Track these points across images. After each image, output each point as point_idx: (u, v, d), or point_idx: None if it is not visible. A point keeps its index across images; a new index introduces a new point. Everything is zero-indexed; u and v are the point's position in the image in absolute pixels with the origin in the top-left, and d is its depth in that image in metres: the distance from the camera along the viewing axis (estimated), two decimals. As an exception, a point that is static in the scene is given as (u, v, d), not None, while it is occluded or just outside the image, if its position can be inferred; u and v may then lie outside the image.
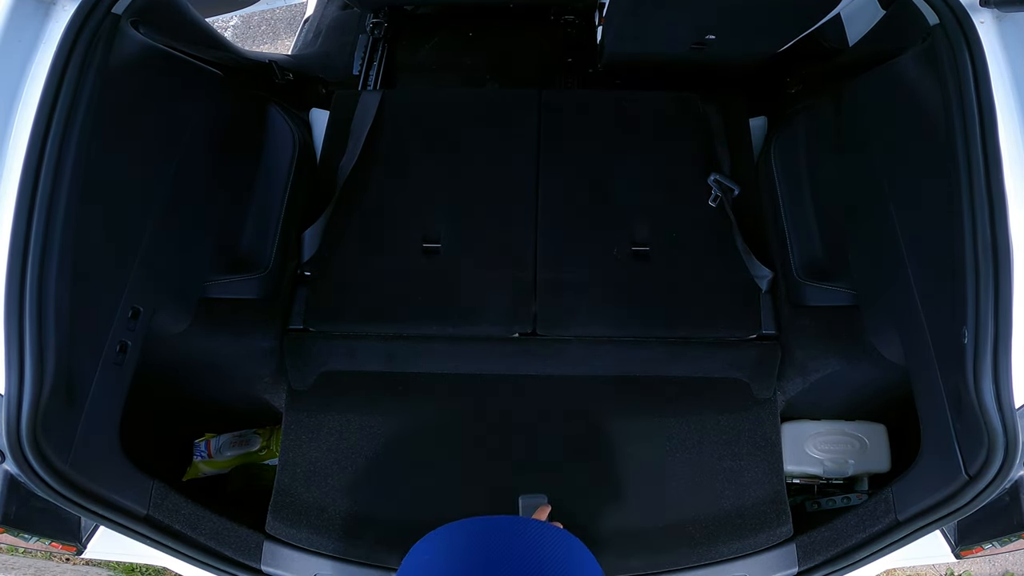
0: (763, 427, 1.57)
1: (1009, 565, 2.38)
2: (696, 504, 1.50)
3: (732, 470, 1.53)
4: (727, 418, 1.58)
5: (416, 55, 2.38)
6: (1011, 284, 1.09)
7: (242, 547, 1.44)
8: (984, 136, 1.13)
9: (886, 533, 1.37)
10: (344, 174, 1.81)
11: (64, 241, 1.13)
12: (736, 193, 1.77)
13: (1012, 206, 1.10)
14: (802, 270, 1.68)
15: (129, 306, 1.35)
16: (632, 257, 1.73)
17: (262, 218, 1.75)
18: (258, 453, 1.72)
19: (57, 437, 1.17)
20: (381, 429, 1.57)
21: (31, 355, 1.09)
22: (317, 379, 1.62)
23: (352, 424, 1.58)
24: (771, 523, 1.48)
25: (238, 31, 3.64)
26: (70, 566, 2.47)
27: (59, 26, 1.16)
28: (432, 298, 1.68)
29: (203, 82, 1.64)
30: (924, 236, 1.34)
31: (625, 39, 1.93)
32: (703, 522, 1.49)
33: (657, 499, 1.51)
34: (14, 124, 1.11)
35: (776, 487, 1.52)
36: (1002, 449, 1.12)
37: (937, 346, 1.28)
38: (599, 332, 1.66)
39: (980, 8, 1.19)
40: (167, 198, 1.45)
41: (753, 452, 1.55)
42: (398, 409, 1.60)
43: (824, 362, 1.61)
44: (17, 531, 1.26)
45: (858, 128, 1.62)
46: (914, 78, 1.37)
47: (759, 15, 1.77)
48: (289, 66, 2.10)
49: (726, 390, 1.61)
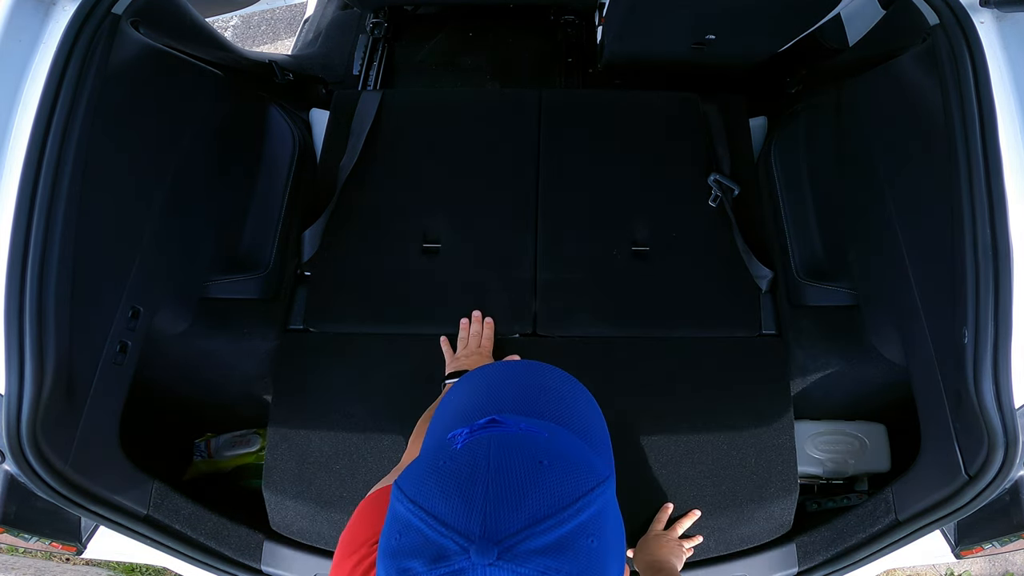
0: (771, 430, 1.56)
1: (1009, 565, 2.39)
2: (703, 508, 1.49)
3: (742, 475, 1.52)
4: (732, 418, 1.57)
5: (416, 55, 2.38)
6: (1011, 284, 1.09)
7: (242, 547, 1.44)
8: (984, 136, 1.13)
9: (886, 533, 1.37)
10: (344, 174, 1.81)
11: (64, 241, 1.13)
12: (736, 193, 1.77)
13: (1012, 206, 1.11)
14: (802, 270, 1.68)
15: (129, 306, 1.35)
16: (632, 257, 1.73)
17: (262, 218, 1.75)
18: (258, 453, 1.72)
19: (57, 437, 1.17)
20: (380, 428, 1.57)
21: (31, 355, 1.09)
22: (316, 378, 1.62)
23: (351, 424, 1.57)
24: (777, 525, 1.48)
25: (238, 31, 3.64)
26: (70, 566, 2.47)
27: (59, 26, 1.16)
28: (432, 298, 1.68)
29: (203, 82, 1.64)
30: (924, 236, 1.34)
31: (625, 39, 1.93)
32: (709, 527, 1.48)
33: (658, 502, 1.50)
34: (14, 124, 1.11)
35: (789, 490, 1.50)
36: (1002, 449, 1.13)
37: (937, 346, 1.28)
38: (599, 332, 1.66)
39: (980, 8, 1.19)
40: (167, 198, 1.45)
41: (762, 454, 1.54)
42: (397, 408, 1.60)
43: (824, 362, 1.61)
44: (17, 531, 1.26)
45: (858, 128, 1.62)
46: (914, 78, 1.37)
47: (759, 15, 1.77)
48: (289, 66, 2.10)
49: (728, 389, 1.60)
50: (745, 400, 1.57)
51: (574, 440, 0.61)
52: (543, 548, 0.50)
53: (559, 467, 0.55)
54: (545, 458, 0.55)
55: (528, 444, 0.56)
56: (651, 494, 1.50)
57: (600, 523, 0.54)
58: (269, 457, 1.53)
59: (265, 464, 1.53)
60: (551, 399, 0.68)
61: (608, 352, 1.63)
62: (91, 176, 1.18)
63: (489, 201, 1.80)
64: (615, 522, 0.58)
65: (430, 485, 0.54)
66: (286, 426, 1.55)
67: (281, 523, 1.50)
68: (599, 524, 0.54)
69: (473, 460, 0.54)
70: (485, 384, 0.70)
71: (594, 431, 0.69)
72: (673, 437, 1.54)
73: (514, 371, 0.71)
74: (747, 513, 1.48)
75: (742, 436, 1.53)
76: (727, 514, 1.48)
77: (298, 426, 1.55)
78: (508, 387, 0.69)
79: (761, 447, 1.52)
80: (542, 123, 1.90)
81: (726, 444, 1.53)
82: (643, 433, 1.54)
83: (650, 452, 1.53)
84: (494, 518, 0.51)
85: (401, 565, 0.52)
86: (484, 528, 0.50)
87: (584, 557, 0.52)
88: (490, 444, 0.55)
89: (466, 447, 0.55)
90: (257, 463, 1.69)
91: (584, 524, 0.52)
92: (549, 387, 0.70)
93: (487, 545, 0.49)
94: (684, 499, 1.50)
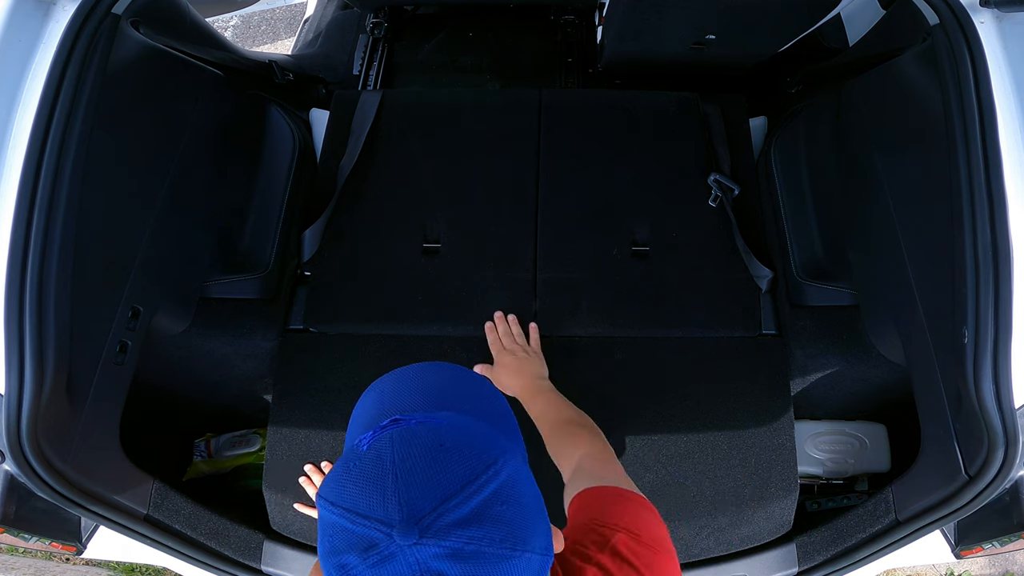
0: (771, 430, 1.56)
1: (1009, 565, 2.39)
2: (703, 508, 1.49)
3: (742, 475, 1.52)
4: (733, 418, 1.57)
5: (416, 55, 2.38)
6: (1011, 284, 1.09)
7: (242, 547, 1.44)
8: (984, 136, 1.13)
9: (886, 533, 1.37)
10: (344, 174, 1.81)
11: (64, 241, 1.13)
12: (736, 193, 1.77)
13: (1012, 206, 1.10)
14: (802, 270, 1.68)
15: (129, 306, 1.35)
16: (632, 257, 1.73)
17: (262, 218, 1.75)
18: (258, 453, 1.72)
19: (57, 437, 1.17)
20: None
21: (31, 355, 1.09)
22: (316, 378, 1.62)
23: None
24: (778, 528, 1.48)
25: (238, 31, 3.64)
26: (70, 566, 2.47)
27: (59, 26, 1.16)
28: (432, 298, 1.68)
29: (203, 82, 1.64)
30: (924, 236, 1.34)
31: (625, 39, 1.92)
32: (709, 527, 1.48)
33: (658, 503, 1.50)
34: (14, 124, 1.11)
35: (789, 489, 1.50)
36: (1002, 449, 1.13)
37: (937, 346, 1.28)
38: (599, 332, 1.66)
39: (980, 8, 1.19)
40: (167, 198, 1.45)
41: (762, 454, 1.54)
42: None
43: (824, 362, 1.61)
44: (17, 531, 1.26)
45: (858, 128, 1.62)
46: (914, 78, 1.37)
47: (759, 15, 1.77)
48: (289, 66, 2.10)
49: (728, 389, 1.60)
50: (745, 400, 1.57)
51: (473, 422, 0.66)
52: (461, 520, 0.55)
53: (461, 446, 0.60)
54: (445, 441, 0.60)
55: (426, 432, 0.61)
56: (651, 494, 1.50)
57: (512, 490, 0.59)
58: (269, 457, 1.53)
59: (265, 464, 1.53)
60: (450, 392, 0.74)
61: (608, 352, 1.63)
62: (91, 176, 1.18)
63: (489, 201, 1.80)
64: (529, 488, 0.62)
65: (347, 487, 0.58)
66: (286, 426, 1.55)
67: (281, 523, 1.50)
68: (511, 491, 0.59)
69: (379, 456, 0.59)
70: (391, 389, 0.75)
71: (493, 412, 0.74)
72: (673, 437, 1.54)
73: (410, 374, 0.77)
74: (747, 513, 1.48)
75: (742, 436, 1.53)
76: (727, 514, 1.48)
77: (298, 426, 1.54)
78: (407, 390, 0.75)
79: (761, 447, 1.52)
80: (542, 123, 1.90)
81: (726, 444, 1.53)
82: (643, 433, 1.54)
83: (650, 452, 1.53)
84: (409, 502, 0.55)
85: (338, 562, 0.56)
86: (402, 513, 0.55)
87: (503, 523, 0.56)
88: (391, 439, 0.60)
89: (370, 447, 0.60)
90: (257, 463, 1.69)
91: (496, 493, 0.57)
92: (446, 381, 0.76)
93: (408, 527, 0.54)
94: (684, 499, 1.49)
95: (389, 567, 0.54)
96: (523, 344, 1.56)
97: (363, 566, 0.55)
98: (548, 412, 1.30)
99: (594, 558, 0.80)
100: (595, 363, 1.63)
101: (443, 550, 0.54)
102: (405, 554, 0.54)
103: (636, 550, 0.83)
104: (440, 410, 0.68)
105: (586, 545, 0.82)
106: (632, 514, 0.89)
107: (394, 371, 0.78)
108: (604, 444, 1.18)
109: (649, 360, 1.63)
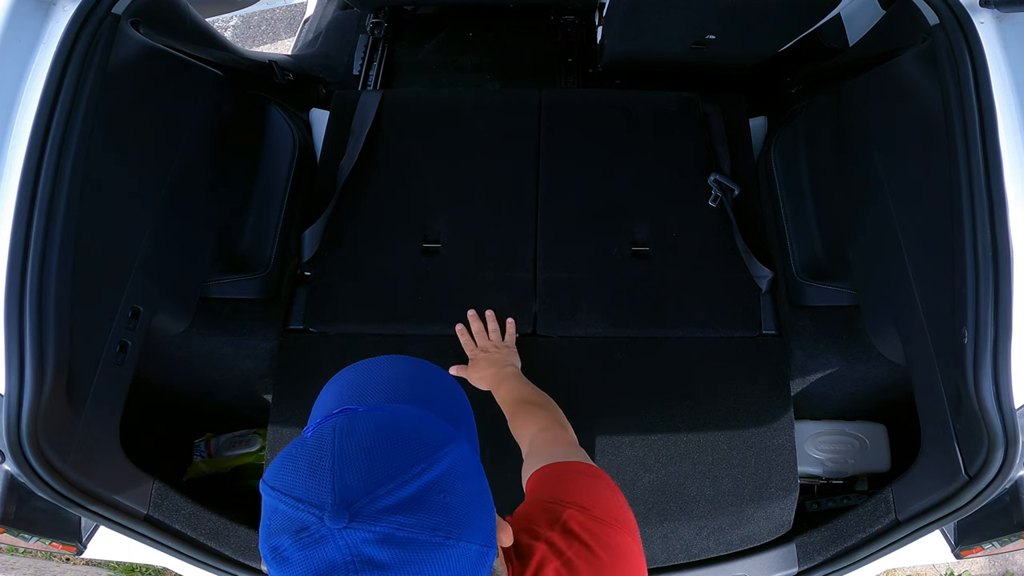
0: (771, 430, 1.56)
1: (1009, 565, 2.38)
2: (703, 508, 1.49)
3: (742, 475, 1.52)
4: (733, 419, 1.57)
5: (416, 55, 2.38)
6: (1011, 284, 1.09)
7: (242, 547, 1.44)
8: (984, 136, 1.13)
9: (886, 533, 1.37)
10: (344, 174, 1.81)
11: (64, 241, 1.13)
12: (736, 193, 1.77)
13: (1012, 206, 1.10)
14: (802, 270, 1.68)
15: (129, 306, 1.35)
16: (632, 257, 1.73)
17: (262, 218, 1.75)
18: (258, 453, 1.72)
19: (57, 437, 1.17)
20: None
21: (31, 355, 1.09)
22: (316, 378, 1.62)
23: None
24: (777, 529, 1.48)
25: (238, 31, 3.64)
26: (70, 566, 2.47)
27: (59, 26, 1.16)
28: (432, 298, 1.68)
29: (203, 82, 1.64)
30: (924, 236, 1.34)
31: (625, 39, 1.92)
32: (709, 527, 1.48)
33: (658, 503, 1.50)
34: (14, 124, 1.11)
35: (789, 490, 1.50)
36: (1002, 449, 1.12)
37: (937, 346, 1.28)
38: (599, 332, 1.66)
39: (980, 8, 1.19)
40: (167, 198, 1.45)
41: (762, 454, 1.54)
42: None
43: (824, 362, 1.61)
44: (17, 531, 1.25)
45: (858, 128, 1.62)
46: (914, 78, 1.37)
47: (759, 15, 1.77)
48: (289, 66, 2.10)
49: (728, 389, 1.60)
50: (745, 400, 1.57)
51: (422, 413, 0.66)
52: (394, 506, 0.55)
53: (402, 434, 0.60)
54: (388, 429, 0.61)
55: (369, 420, 0.62)
56: (651, 494, 1.50)
57: (452, 480, 0.59)
58: (269, 457, 1.53)
59: (265, 464, 1.53)
60: (408, 385, 0.75)
61: (608, 352, 1.63)
62: (91, 176, 1.18)
63: (489, 201, 1.80)
64: (473, 479, 0.62)
65: (285, 470, 0.59)
66: (286, 426, 1.55)
67: None
68: (451, 481, 0.59)
69: (320, 441, 0.59)
70: (351, 379, 0.77)
71: (449, 405, 0.74)
72: (673, 437, 1.54)
73: (371, 366, 0.78)
74: (747, 513, 1.48)
75: (742, 436, 1.53)
76: (727, 514, 1.48)
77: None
78: (366, 380, 0.76)
79: (761, 447, 1.52)
80: (542, 123, 1.90)
81: (726, 444, 1.53)
82: (643, 433, 1.54)
83: (650, 452, 1.53)
84: (343, 487, 0.55)
85: (272, 544, 0.57)
86: (335, 497, 0.55)
87: (438, 511, 0.57)
88: (335, 427, 0.60)
89: (314, 433, 0.61)
90: (257, 463, 1.69)
91: (434, 481, 0.57)
92: (405, 374, 0.77)
93: (339, 511, 0.54)
94: (684, 499, 1.49)
95: (319, 550, 0.54)
96: (496, 341, 1.58)
97: (294, 548, 0.55)
98: (511, 395, 1.34)
99: (543, 535, 0.80)
100: (595, 363, 1.63)
101: (373, 535, 0.54)
102: (335, 537, 0.54)
103: (587, 525, 0.82)
104: (397, 402, 0.68)
105: (538, 523, 0.82)
106: (585, 488, 0.89)
107: (357, 363, 0.79)
108: (557, 420, 1.20)
109: (649, 360, 1.63)
